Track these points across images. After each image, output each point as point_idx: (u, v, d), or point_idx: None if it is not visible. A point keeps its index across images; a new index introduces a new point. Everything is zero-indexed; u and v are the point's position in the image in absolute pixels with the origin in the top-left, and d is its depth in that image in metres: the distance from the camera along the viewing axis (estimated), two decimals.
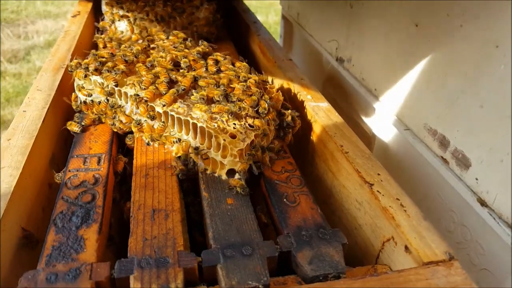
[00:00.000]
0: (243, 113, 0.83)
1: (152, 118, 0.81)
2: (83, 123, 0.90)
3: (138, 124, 0.85)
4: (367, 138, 1.34)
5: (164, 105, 0.81)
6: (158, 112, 0.83)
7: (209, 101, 0.84)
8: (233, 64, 1.02)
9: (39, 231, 0.75)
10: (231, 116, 0.79)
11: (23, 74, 3.98)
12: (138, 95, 0.83)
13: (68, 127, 0.90)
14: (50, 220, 0.66)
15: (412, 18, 1.06)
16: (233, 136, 0.80)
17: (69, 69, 0.94)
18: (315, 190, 0.83)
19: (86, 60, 0.93)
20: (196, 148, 0.78)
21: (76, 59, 0.95)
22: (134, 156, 0.83)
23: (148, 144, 0.87)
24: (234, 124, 0.80)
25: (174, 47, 1.04)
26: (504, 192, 0.77)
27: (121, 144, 0.91)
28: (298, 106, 1.07)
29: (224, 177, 0.80)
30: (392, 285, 0.55)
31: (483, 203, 0.82)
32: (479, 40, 0.85)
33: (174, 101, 0.83)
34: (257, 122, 0.82)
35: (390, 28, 1.18)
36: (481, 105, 0.84)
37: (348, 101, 1.53)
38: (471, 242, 0.90)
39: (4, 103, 3.47)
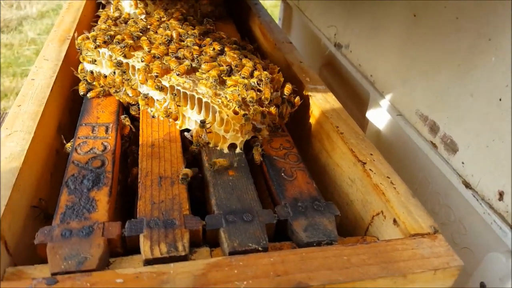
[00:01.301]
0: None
1: (160, 89, 0.84)
2: (89, 94, 0.92)
3: (145, 97, 0.88)
4: (360, 122, 1.38)
5: (178, 74, 0.85)
6: (164, 86, 0.86)
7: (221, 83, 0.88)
8: (237, 44, 1.05)
9: (48, 195, 0.79)
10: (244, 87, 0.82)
11: (14, 44, 3.91)
12: (147, 65, 0.86)
13: (79, 87, 0.92)
14: (60, 181, 0.70)
15: (411, 8, 1.10)
16: (235, 112, 0.83)
17: (77, 46, 0.96)
18: (309, 169, 0.87)
19: (93, 33, 0.95)
20: (203, 122, 0.82)
21: (84, 33, 0.97)
22: (140, 128, 0.87)
23: (153, 116, 0.90)
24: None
25: (179, 25, 1.06)
26: (488, 175, 0.83)
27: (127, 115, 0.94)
28: (296, 87, 1.11)
29: (226, 150, 0.84)
30: (380, 252, 0.60)
31: (467, 186, 0.88)
32: (473, 33, 0.90)
33: (187, 73, 0.87)
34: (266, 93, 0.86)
35: (389, 17, 1.22)
36: (471, 94, 0.89)
37: (344, 86, 1.57)
38: (454, 222, 0.96)
39: None
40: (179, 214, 0.65)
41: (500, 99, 0.80)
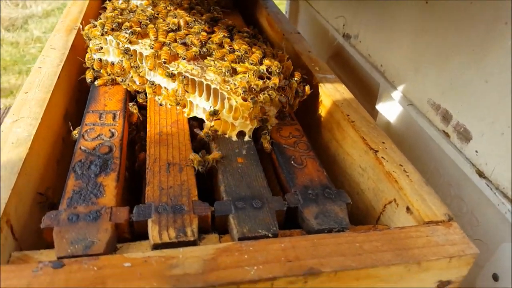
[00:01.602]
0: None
1: (171, 75, 0.82)
2: (96, 82, 0.91)
3: (152, 85, 0.87)
4: (370, 113, 1.35)
5: (184, 59, 0.83)
6: (174, 72, 0.85)
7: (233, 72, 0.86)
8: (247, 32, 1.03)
9: (54, 182, 0.78)
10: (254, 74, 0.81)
11: (20, 43, 3.94)
12: (156, 51, 0.85)
13: (86, 75, 0.92)
14: (66, 169, 0.69)
15: None
16: (244, 99, 0.82)
17: (84, 35, 0.95)
18: (319, 158, 0.86)
19: (101, 21, 0.94)
20: (215, 112, 0.80)
21: (91, 22, 0.96)
22: (148, 115, 0.86)
23: (160, 104, 0.89)
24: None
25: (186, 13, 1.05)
26: (503, 163, 0.81)
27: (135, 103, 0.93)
28: (306, 77, 1.09)
29: (234, 138, 0.83)
30: (394, 239, 0.59)
31: (481, 175, 0.85)
32: (488, 17, 0.87)
33: (195, 59, 0.85)
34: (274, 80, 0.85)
35: (399, 5, 1.19)
36: (486, 80, 0.86)
37: (352, 77, 1.55)
38: (467, 214, 0.94)
39: (1, 71, 3.45)
40: (187, 200, 0.64)
41: None
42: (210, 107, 0.82)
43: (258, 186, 0.70)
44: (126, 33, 0.87)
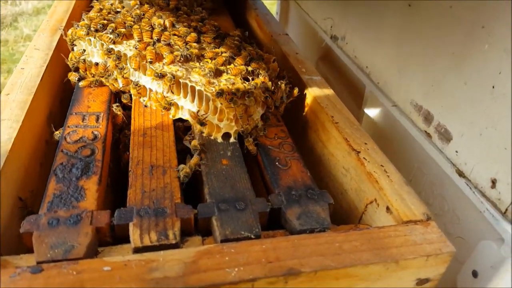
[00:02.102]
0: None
1: (161, 76, 0.82)
2: (81, 83, 0.91)
3: (136, 85, 0.87)
4: (356, 114, 1.38)
5: (164, 64, 0.83)
6: (164, 72, 0.85)
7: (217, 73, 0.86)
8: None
9: (37, 185, 0.78)
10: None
11: (9, 41, 3.88)
12: (140, 52, 0.85)
13: (68, 77, 0.91)
14: (50, 171, 0.68)
15: None
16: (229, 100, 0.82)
17: (68, 40, 0.95)
18: (305, 159, 0.87)
19: (85, 22, 0.93)
20: (202, 123, 0.81)
21: (76, 25, 0.96)
22: (132, 117, 0.85)
23: (145, 106, 0.89)
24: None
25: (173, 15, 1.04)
26: (481, 163, 0.82)
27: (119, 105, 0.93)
28: (292, 78, 1.10)
29: (220, 140, 0.83)
30: (372, 239, 0.60)
31: (461, 174, 0.87)
32: (466, 21, 0.89)
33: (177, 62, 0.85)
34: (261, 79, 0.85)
35: (384, 8, 1.21)
36: (465, 82, 0.88)
37: (340, 79, 1.56)
38: (448, 212, 0.96)
39: None
40: (170, 202, 0.64)
41: (493, 87, 0.80)
42: (198, 111, 0.82)
43: (242, 187, 0.71)
44: (110, 34, 0.87)
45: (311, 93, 1.01)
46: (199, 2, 1.42)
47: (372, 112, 1.29)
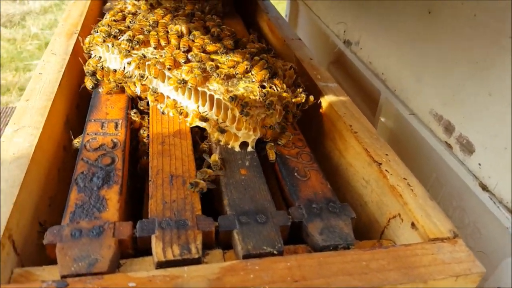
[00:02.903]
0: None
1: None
2: (101, 89, 0.90)
3: (154, 92, 0.86)
4: (371, 120, 1.36)
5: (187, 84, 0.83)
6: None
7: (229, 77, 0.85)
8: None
9: (56, 192, 0.77)
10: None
11: (17, 39, 3.90)
12: (159, 61, 0.84)
13: (85, 83, 0.91)
14: (71, 180, 0.68)
15: (426, 4, 1.07)
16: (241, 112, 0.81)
17: (85, 48, 0.94)
18: (321, 168, 0.85)
19: (103, 27, 0.92)
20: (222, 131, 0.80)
21: (95, 30, 0.95)
22: (150, 124, 0.85)
23: (163, 113, 0.88)
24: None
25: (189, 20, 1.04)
26: (506, 178, 0.81)
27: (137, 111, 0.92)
28: (307, 85, 1.09)
29: (237, 149, 0.82)
30: (399, 257, 0.58)
31: (484, 188, 0.85)
32: (491, 30, 0.87)
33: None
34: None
35: (401, 13, 1.19)
36: (490, 93, 0.86)
37: (353, 84, 1.55)
38: (469, 226, 0.94)
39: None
40: (191, 214, 0.63)
41: None
42: (221, 121, 0.81)
43: (262, 199, 0.70)
44: (130, 42, 0.86)
45: (327, 101, 0.99)
46: (212, 5, 1.41)
47: (388, 119, 1.27)
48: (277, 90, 0.86)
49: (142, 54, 0.85)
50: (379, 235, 0.76)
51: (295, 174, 0.78)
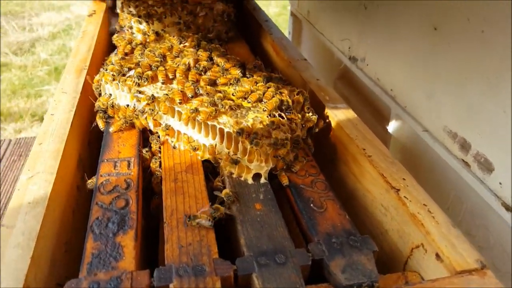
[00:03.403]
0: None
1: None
2: (111, 128, 0.91)
3: (166, 128, 0.86)
4: (382, 137, 1.34)
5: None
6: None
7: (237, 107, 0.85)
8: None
9: (71, 235, 0.77)
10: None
11: (28, 66, 3.98)
12: (169, 97, 0.84)
13: (97, 121, 0.93)
14: (85, 220, 0.68)
15: (431, 21, 1.06)
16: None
17: (95, 88, 0.95)
18: (336, 192, 0.84)
19: (112, 66, 0.93)
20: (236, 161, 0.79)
21: (105, 68, 0.96)
22: (162, 160, 0.84)
23: (174, 147, 0.88)
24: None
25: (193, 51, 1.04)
26: None
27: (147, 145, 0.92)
28: (316, 107, 1.07)
29: (250, 181, 0.81)
30: None
31: (508, 208, 0.83)
32: (500, 46, 0.85)
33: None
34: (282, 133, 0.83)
35: (407, 30, 1.18)
36: (504, 109, 0.84)
37: (362, 100, 1.53)
38: (495, 246, 0.91)
39: (10, 95, 3.49)
40: (208, 258, 0.62)
41: None
42: (232, 153, 0.80)
43: (280, 236, 0.68)
44: (140, 79, 0.86)
45: (338, 123, 0.98)
46: (216, 32, 1.42)
47: (399, 135, 1.25)
48: (287, 120, 0.85)
49: (152, 94, 0.85)
50: (402, 266, 0.74)
51: (311, 205, 0.77)
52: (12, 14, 5.08)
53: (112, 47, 1.40)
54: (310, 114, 0.96)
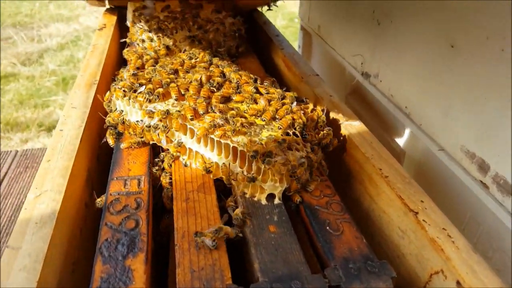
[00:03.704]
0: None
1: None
2: (122, 145, 0.89)
3: (178, 145, 0.84)
4: (396, 155, 1.32)
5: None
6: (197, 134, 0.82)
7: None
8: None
9: (79, 254, 0.75)
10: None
11: (36, 76, 4.01)
12: (179, 111, 0.83)
13: (107, 137, 0.91)
14: (94, 239, 0.65)
15: (448, 38, 1.04)
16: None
17: (106, 105, 0.94)
18: (351, 212, 0.81)
19: (123, 82, 0.92)
20: (253, 179, 0.77)
21: (116, 84, 0.95)
22: (173, 179, 0.82)
23: (185, 165, 0.86)
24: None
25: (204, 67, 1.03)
26: None
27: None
28: (329, 124, 1.06)
29: (264, 201, 0.79)
30: None
31: None
32: None
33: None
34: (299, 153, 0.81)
35: (422, 47, 1.16)
36: None
37: (375, 117, 1.51)
38: None
39: (17, 105, 3.50)
40: (221, 284, 0.59)
41: None
42: (246, 173, 0.78)
43: (295, 261, 0.65)
44: (150, 96, 0.85)
45: (352, 141, 0.96)
46: (227, 47, 1.41)
47: (414, 154, 1.23)
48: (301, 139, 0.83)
49: (167, 110, 0.83)
50: None
51: (327, 228, 0.74)
52: (21, 25, 5.15)
53: (122, 61, 1.40)
54: (325, 131, 0.94)
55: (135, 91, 0.88)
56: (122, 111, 0.91)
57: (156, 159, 0.88)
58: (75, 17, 5.57)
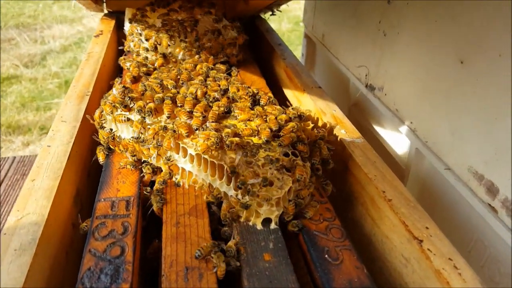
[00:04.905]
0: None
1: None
2: (109, 162, 0.85)
3: (168, 160, 0.80)
4: (400, 171, 1.27)
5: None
6: (190, 154, 0.78)
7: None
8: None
9: (63, 279, 0.71)
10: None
11: (38, 78, 4.00)
12: (174, 131, 0.78)
13: (97, 154, 0.88)
14: (78, 263, 0.61)
15: (457, 54, 1.00)
16: (270, 183, 0.74)
17: (97, 124, 0.91)
18: (351, 235, 0.77)
19: (112, 96, 0.88)
20: (246, 206, 0.73)
21: (106, 98, 0.91)
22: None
23: (177, 185, 0.82)
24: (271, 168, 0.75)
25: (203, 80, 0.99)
26: None
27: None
28: (331, 141, 1.01)
29: (259, 226, 0.75)
30: None
31: None
32: None
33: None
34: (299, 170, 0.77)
35: (430, 61, 1.11)
36: None
37: (379, 129, 1.47)
38: None
39: (19, 108, 3.48)
40: None
41: None
42: (240, 197, 0.74)
43: None
44: (137, 113, 0.81)
45: (356, 160, 0.91)
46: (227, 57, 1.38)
47: (419, 172, 1.18)
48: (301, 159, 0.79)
49: (164, 125, 0.79)
50: None
51: (326, 256, 0.70)
52: (24, 26, 5.13)
53: (119, 69, 1.36)
54: (325, 153, 0.89)
55: (125, 106, 0.84)
56: (112, 129, 0.87)
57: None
58: (78, 18, 5.56)
